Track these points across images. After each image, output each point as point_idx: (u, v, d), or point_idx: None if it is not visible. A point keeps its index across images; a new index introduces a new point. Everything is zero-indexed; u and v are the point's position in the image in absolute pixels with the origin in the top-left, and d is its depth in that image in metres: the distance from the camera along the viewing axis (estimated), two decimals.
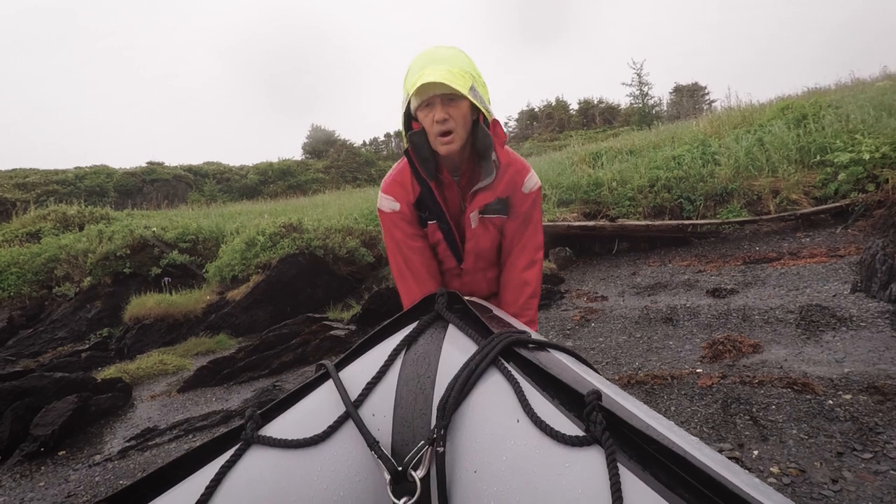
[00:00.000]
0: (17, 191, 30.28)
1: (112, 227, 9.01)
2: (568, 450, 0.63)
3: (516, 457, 0.67)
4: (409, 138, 1.40)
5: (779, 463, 2.25)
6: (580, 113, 47.48)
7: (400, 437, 0.83)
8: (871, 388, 2.65)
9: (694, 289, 5.05)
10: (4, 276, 8.06)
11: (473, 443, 0.74)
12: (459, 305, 1.03)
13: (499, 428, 0.72)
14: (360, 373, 0.91)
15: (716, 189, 7.57)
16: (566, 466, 0.61)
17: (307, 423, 0.84)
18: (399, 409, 0.85)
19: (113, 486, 3.24)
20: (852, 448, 2.26)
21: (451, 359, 0.88)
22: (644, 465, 0.57)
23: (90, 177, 35.61)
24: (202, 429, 3.84)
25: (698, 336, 3.81)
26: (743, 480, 0.53)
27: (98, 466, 3.52)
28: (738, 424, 2.59)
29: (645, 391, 3.08)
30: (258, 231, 7.37)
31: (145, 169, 38.07)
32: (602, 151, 10.33)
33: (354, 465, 0.81)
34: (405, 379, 0.89)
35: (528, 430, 0.68)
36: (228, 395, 4.44)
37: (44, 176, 33.73)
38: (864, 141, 6.83)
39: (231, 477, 0.76)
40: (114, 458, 3.60)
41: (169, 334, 6.44)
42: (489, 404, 0.76)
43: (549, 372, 0.75)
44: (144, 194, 34.13)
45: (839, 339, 3.34)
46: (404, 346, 0.94)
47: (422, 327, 0.98)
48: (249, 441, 0.80)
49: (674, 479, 0.54)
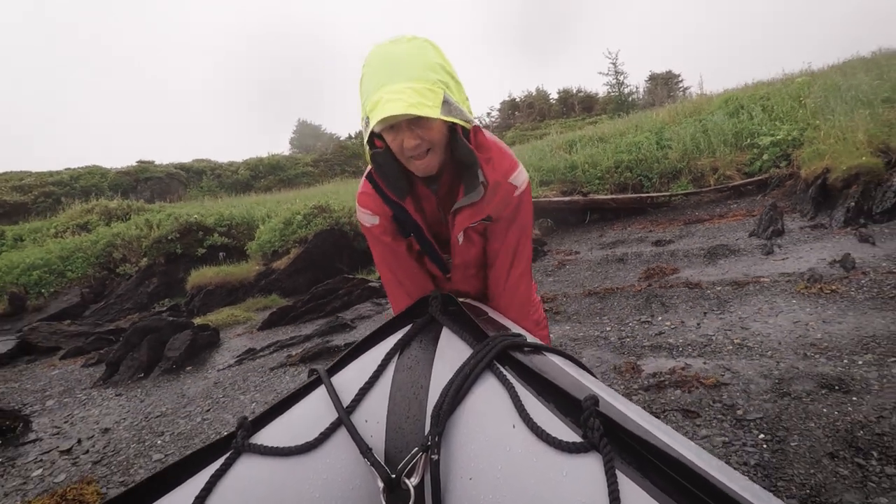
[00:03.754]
0: (16, 193, 30.97)
1: (158, 215, 10.42)
2: (565, 456, 0.62)
3: (512, 464, 0.66)
4: (373, 158, 1.19)
5: (671, 321, 3.86)
6: (560, 102, 49.10)
7: (393, 444, 0.82)
8: (734, 283, 4.28)
9: (644, 242, 6.68)
10: (72, 260, 9.46)
11: (468, 449, 0.73)
12: (454, 308, 1.01)
13: (494, 434, 0.71)
14: (353, 378, 0.89)
15: (668, 168, 9.23)
16: (563, 474, 0.60)
17: (299, 430, 0.82)
18: (392, 415, 0.84)
19: (233, 382, 4.73)
20: (712, 311, 3.88)
21: (445, 363, 0.87)
22: (642, 472, 0.56)
23: (85, 177, 36.17)
24: (290, 345, 5.36)
25: (640, 268, 5.43)
26: (740, 485, 0.53)
27: (220, 372, 5.03)
28: (653, 307, 4.20)
29: (599, 297, 4.69)
30: (293, 213, 8.84)
31: (138, 168, 38.71)
32: (577, 139, 11.96)
33: (347, 472, 0.79)
34: (398, 384, 0.87)
35: (524, 437, 0.67)
36: (299, 329, 5.97)
37: (38, 178, 34.29)
38: (783, 127, 8.52)
39: (221, 486, 0.74)
40: (232, 367, 5.11)
41: (228, 297, 7.93)
42: (484, 410, 0.75)
43: (546, 376, 0.73)
44: (139, 192, 34.93)
45: (728, 261, 4.98)
46: (397, 351, 0.93)
47: (415, 331, 0.96)
48: (240, 449, 0.79)
49: (673, 485, 0.54)
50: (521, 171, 1.33)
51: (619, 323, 4.05)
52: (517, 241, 1.39)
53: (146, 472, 3.19)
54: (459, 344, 0.90)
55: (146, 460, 3.34)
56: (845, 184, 5.68)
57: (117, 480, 3.14)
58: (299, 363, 4.68)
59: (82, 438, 3.94)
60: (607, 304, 4.51)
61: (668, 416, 2.59)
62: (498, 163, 1.26)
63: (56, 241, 10.01)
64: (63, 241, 9.98)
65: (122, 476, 3.18)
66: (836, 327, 3.16)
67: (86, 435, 4.00)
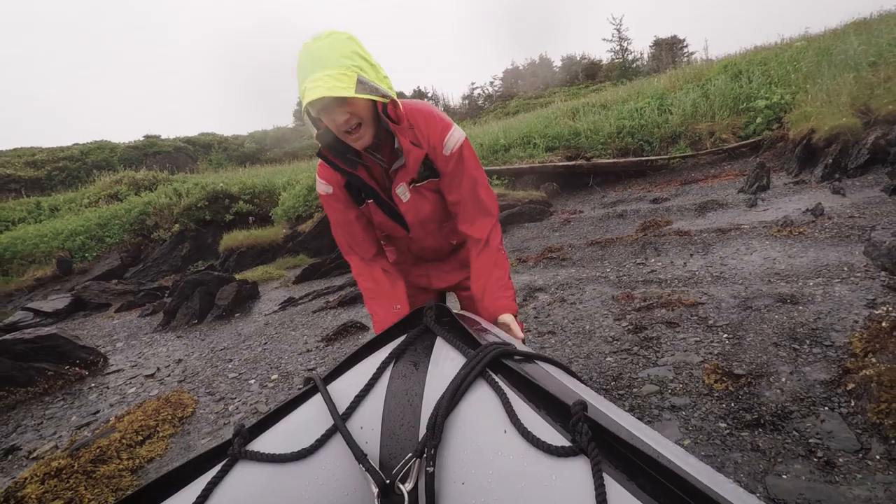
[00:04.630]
0: (29, 169, 31.53)
1: (185, 184, 11.05)
2: (554, 460, 0.63)
3: (503, 468, 0.68)
4: (319, 138, 1.38)
5: (662, 262, 4.48)
6: (563, 70, 48.90)
7: (388, 451, 0.83)
8: (718, 231, 4.89)
9: (642, 201, 7.27)
10: (109, 227, 10.14)
11: (461, 454, 0.74)
12: (447, 318, 1.05)
13: (486, 439, 0.73)
14: (348, 386, 0.92)
15: (668, 133, 9.74)
16: (552, 477, 0.62)
17: (295, 437, 0.84)
18: (387, 422, 0.86)
19: (282, 323, 5.41)
20: (697, 253, 4.50)
21: (439, 371, 0.89)
22: (629, 475, 0.58)
23: (94, 152, 36.60)
24: (326, 294, 6.03)
25: (637, 222, 6.04)
26: (727, 490, 0.54)
27: (267, 316, 5.71)
28: (647, 252, 4.83)
29: (600, 246, 5.31)
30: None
31: (145, 142, 39.07)
32: (580, 107, 12.40)
33: (343, 478, 0.81)
34: (393, 392, 0.89)
35: (515, 441, 0.69)
36: (331, 281, 6.64)
37: (50, 153, 34.77)
38: (777, 91, 8.98)
39: (218, 493, 0.76)
40: (277, 312, 5.79)
41: (259, 258, 8.60)
42: (477, 416, 0.77)
43: (536, 383, 0.75)
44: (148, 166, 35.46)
45: (715, 214, 5.59)
46: (392, 360, 0.95)
47: (409, 340, 0.99)
48: (237, 456, 0.80)
49: (659, 488, 0.55)
50: (454, 130, 1.47)
51: (618, 265, 4.68)
52: (472, 191, 1.52)
53: (226, 385, 3.89)
54: (453, 353, 0.92)
55: (223, 378, 4.04)
56: (827, 143, 6.22)
57: (204, 391, 3.84)
58: (337, 307, 5.35)
59: (160, 367, 4.65)
60: (607, 252, 5.14)
61: (655, 328, 3.23)
62: (426, 131, 1.43)
63: (93, 210, 10.72)
64: (99, 209, 10.67)
65: (207, 389, 3.88)
66: (798, 260, 3.79)
67: (163, 364, 4.71)
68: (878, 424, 1.96)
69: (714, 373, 2.55)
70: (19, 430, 3.78)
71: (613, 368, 2.85)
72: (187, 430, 3.27)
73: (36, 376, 4.58)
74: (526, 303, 4.21)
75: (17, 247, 9.49)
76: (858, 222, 4.23)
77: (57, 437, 3.54)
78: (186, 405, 3.61)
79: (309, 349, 4.31)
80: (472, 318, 1.25)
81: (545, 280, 4.69)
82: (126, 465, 2.92)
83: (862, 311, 2.83)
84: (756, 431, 2.11)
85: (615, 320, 3.48)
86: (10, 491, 2.72)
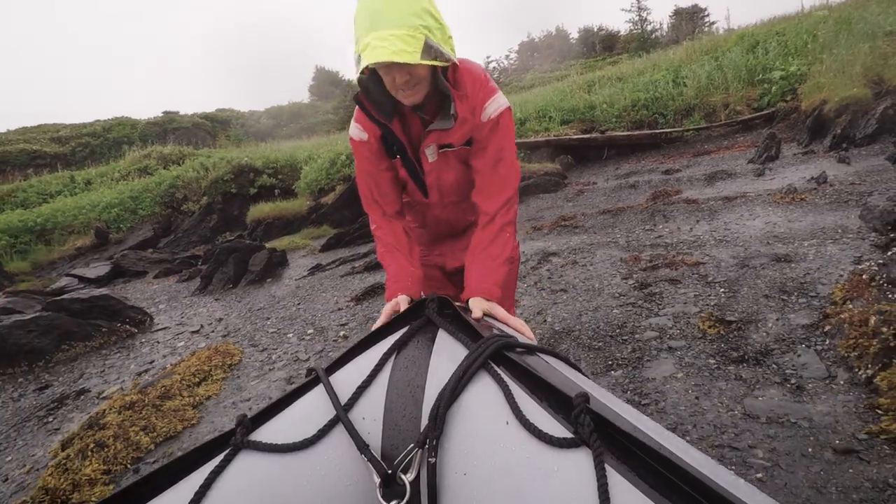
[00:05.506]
0: (54, 144, 32.26)
1: (211, 159, 11.47)
2: (556, 451, 0.64)
3: (505, 459, 0.68)
4: (361, 82, 1.32)
5: (669, 228, 4.75)
6: (580, 42, 48.13)
7: (389, 441, 0.84)
8: (725, 199, 5.12)
9: (654, 172, 7.48)
10: (141, 200, 10.64)
11: (463, 445, 0.75)
12: (450, 310, 1.05)
13: (488, 430, 0.73)
14: (351, 377, 0.93)
15: (682, 105, 9.83)
16: (554, 468, 0.63)
17: (297, 427, 0.85)
18: (389, 412, 0.86)
19: (312, 286, 5.80)
20: (703, 219, 4.76)
21: (441, 363, 0.90)
22: (631, 467, 0.59)
23: (116, 128, 37.22)
24: (351, 260, 6.41)
25: (648, 191, 6.28)
26: (727, 481, 0.54)
27: (298, 281, 6.10)
28: (656, 219, 5.10)
29: (612, 214, 5.59)
30: (336, 154, 9.77)
31: (165, 118, 39.57)
32: (596, 80, 12.47)
33: (345, 468, 0.81)
34: (395, 382, 0.90)
35: (518, 433, 0.69)
36: (356, 249, 7.01)
37: (73, 129, 35.46)
38: (794, 62, 9.02)
39: (220, 483, 0.76)
40: (306, 277, 6.19)
41: (285, 228, 9.01)
42: (479, 407, 0.77)
43: (539, 375, 0.76)
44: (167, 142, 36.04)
45: (724, 183, 5.81)
46: (394, 351, 0.96)
47: (411, 332, 1.00)
48: (239, 446, 0.81)
49: (660, 479, 0.56)
50: (498, 97, 1.42)
51: (628, 232, 4.96)
52: (494, 162, 1.45)
53: (267, 339, 4.29)
54: (455, 344, 0.93)
55: (263, 333, 4.44)
56: (837, 114, 6.35)
57: (247, 344, 4.25)
58: (363, 271, 5.72)
59: (203, 324, 5.08)
60: (618, 219, 5.41)
61: (658, 285, 3.53)
62: (472, 97, 1.39)
63: (125, 183, 11.23)
64: (131, 183, 11.17)
65: (250, 341, 4.29)
66: (797, 224, 4.04)
67: (205, 322, 5.14)
68: (845, 357, 2.27)
69: (708, 320, 2.86)
70: (85, 377, 4.24)
71: (619, 318, 3.17)
72: (237, 375, 3.69)
73: (92, 332, 5.05)
74: (540, 265, 4.52)
75: (58, 218, 10.06)
76: (858, 189, 4.45)
77: (121, 381, 3.98)
78: (233, 354, 4.02)
79: (339, 308, 4.69)
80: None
81: (558, 245, 5.00)
82: (188, 401, 3.33)
83: (848, 266, 3.10)
84: (740, 366, 2.42)
85: (623, 279, 3.79)
86: (93, 419, 3.16)
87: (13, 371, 4.61)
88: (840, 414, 1.98)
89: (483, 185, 1.49)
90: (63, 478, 2.67)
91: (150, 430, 3.02)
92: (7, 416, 3.74)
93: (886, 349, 2.12)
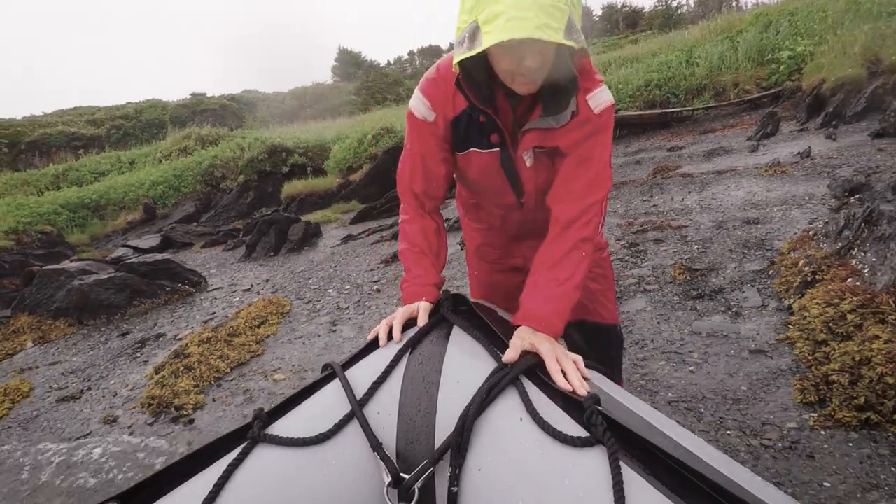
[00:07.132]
0: (90, 126, 33.59)
1: (246, 139, 12.27)
2: (571, 450, 0.65)
3: (520, 456, 0.69)
4: (461, 64, 1.05)
5: (663, 198, 5.31)
6: (604, 19, 47.58)
7: (404, 437, 0.85)
8: (717, 172, 5.65)
9: (660, 150, 7.98)
10: (184, 178, 11.54)
11: (478, 441, 0.75)
12: (464, 308, 1.07)
13: (502, 427, 0.75)
14: (366, 373, 0.94)
15: (694, 85, 10.21)
16: (570, 466, 0.63)
17: (313, 421, 0.86)
18: (404, 407, 0.88)
19: (346, 252, 6.50)
20: (694, 191, 5.31)
21: (455, 359, 0.92)
22: (645, 464, 0.59)
23: (147, 111, 38.43)
24: (380, 230, 7.10)
25: (651, 167, 6.82)
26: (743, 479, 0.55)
27: (332, 248, 6.83)
28: (653, 191, 5.66)
29: (615, 188, 6.15)
30: (363, 133, 10.45)
31: (193, 101, 40.64)
32: (611, 61, 12.83)
33: (360, 462, 0.83)
34: (410, 378, 0.91)
35: (532, 431, 0.71)
36: (383, 221, 7.71)
37: (107, 112, 36.79)
38: (802, 42, 9.32)
39: (238, 475, 0.78)
40: (339, 245, 6.91)
41: (317, 204, 9.77)
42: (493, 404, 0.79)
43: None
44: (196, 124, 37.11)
45: (720, 158, 6.32)
46: (409, 348, 0.97)
47: (426, 329, 1.01)
48: (256, 439, 0.82)
49: (674, 476, 0.57)
50: (601, 91, 1.19)
51: (627, 203, 5.54)
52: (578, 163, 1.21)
53: (310, 293, 5.02)
54: (469, 341, 0.94)
55: (307, 289, 5.18)
56: (832, 93, 6.76)
57: (294, 297, 4.98)
58: (391, 239, 6.42)
59: (253, 284, 5.85)
60: (620, 192, 5.98)
61: (645, 244, 4.14)
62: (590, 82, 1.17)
63: (168, 163, 12.15)
64: (174, 161, 12.08)
65: (296, 296, 5.02)
66: (773, 193, 4.58)
67: (255, 282, 5.91)
68: (777, 292, 2.88)
69: (678, 269, 3.47)
70: (158, 325, 5.03)
71: None
72: (289, 320, 4.43)
73: (158, 290, 5.85)
74: None
75: (110, 194, 11.06)
76: (833, 162, 4.95)
77: (190, 327, 4.76)
78: (284, 305, 4.77)
79: (371, 269, 5.39)
80: (489, 308, 1.28)
81: None
82: (252, 338, 4.08)
83: (803, 226, 3.67)
84: (697, 301, 3.05)
85: (616, 241, 4.39)
86: (178, 350, 3.93)
87: (94, 322, 5.44)
88: (762, 330, 2.60)
89: (559, 187, 1.25)
90: (164, 389, 3.44)
91: (225, 358, 3.77)
92: (101, 354, 4.55)
93: (804, 283, 2.73)
